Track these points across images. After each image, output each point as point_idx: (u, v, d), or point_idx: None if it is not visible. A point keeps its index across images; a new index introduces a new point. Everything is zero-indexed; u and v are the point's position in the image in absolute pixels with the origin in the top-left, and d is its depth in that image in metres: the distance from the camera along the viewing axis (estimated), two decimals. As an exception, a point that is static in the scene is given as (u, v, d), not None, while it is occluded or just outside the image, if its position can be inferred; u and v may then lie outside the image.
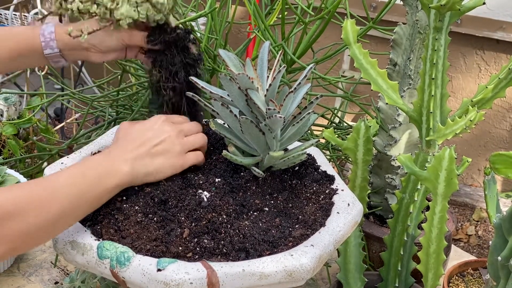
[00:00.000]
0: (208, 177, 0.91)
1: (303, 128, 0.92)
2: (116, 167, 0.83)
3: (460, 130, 1.00)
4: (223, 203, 0.85)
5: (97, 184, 0.81)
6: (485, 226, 2.87)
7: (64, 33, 0.96)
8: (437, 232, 1.03)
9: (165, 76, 0.97)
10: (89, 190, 0.80)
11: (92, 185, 0.81)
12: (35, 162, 1.64)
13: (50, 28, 0.98)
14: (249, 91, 0.84)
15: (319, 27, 1.34)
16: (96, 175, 0.81)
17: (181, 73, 0.97)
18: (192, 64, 0.98)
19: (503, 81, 1.04)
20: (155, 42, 0.97)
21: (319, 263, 0.78)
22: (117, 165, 0.83)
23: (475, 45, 2.96)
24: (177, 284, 0.73)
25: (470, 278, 1.20)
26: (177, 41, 0.97)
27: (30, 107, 1.64)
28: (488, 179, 1.10)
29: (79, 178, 0.81)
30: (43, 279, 1.31)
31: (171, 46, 0.97)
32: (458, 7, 0.95)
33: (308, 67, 0.91)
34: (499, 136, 3.05)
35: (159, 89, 0.99)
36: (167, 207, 0.85)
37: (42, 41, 0.97)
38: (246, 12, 1.35)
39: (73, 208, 0.79)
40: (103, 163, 0.84)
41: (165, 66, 0.97)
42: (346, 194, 0.91)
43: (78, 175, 0.81)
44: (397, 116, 1.25)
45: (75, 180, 0.80)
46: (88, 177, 0.81)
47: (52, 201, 0.76)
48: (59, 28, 0.98)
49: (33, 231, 0.75)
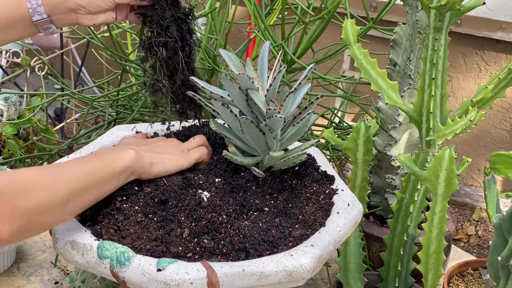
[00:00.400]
0: (208, 177, 0.91)
1: (303, 128, 0.92)
2: (122, 152, 0.86)
3: (460, 130, 1.00)
4: (223, 203, 0.85)
5: (106, 166, 0.83)
6: (485, 226, 2.87)
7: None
8: (437, 232, 1.03)
9: (157, 32, 0.96)
10: (98, 171, 0.82)
11: (101, 167, 0.83)
12: (35, 162, 1.64)
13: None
14: (249, 91, 0.84)
15: (319, 27, 1.34)
16: (104, 160, 0.84)
17: (173, 28, 0.96)
18: (184, 18, 0.96)
19: (503, 81, 1.04)
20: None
21: (319, 263, 0.78)
22: (123, 151, 0.87)
23: (475, 45, 2.96)
24: (177, 284, 0.73)
25: (470, 278, 1.20)
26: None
27: (30, 107, 1.64)
28: (488, 179, 1.10)
29: (88, 161, 0.84)
30: (43, 279, 1.31)
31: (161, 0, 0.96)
32: (458, 7, 0.95)
33: (309, 67, 0.91)
34: (499, 136, 3.05)
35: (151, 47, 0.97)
36: (167, 207, 0.85)
37: (29, 7, 0.95)
38: (246, 12, 1.35)
39: (83, 189, 0.79)
40: (110, 151, 0.88)
41: (155, 21, 0.95)
42: (346, 194, 0.92)
43: (87, 159, 0.86)
44: (397, 116, 1.25)
45: (85, 162, 0.84)
46: (97, 160, 0.84)
47: (62, 180, 0.77)
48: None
49: (45, 207, 0.75)
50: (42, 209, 0.75)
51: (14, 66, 3.24)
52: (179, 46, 0.96)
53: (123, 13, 1.01)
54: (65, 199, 0.77)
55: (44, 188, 0.75)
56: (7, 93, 1.68)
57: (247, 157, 0.93)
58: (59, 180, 0.77)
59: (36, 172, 0.78)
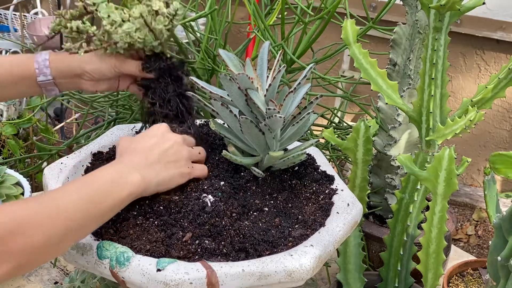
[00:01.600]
0: (212, 180, 0.90)
1: (303, 128, 0.92)
2: (125, 178, 0.80)
3: (459, 130, 1.00)
4: (226, 208, 0.85)
5: (107, 197, 0.77)
6: (485, 226, 2.87)
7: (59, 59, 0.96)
8: (437, 232, 1.03)
9: (159, 104, 0.98)
10: (99, 203, 0.77)
11: (102, 198, 0.77)
12: (34, 162, 1.64)
13: (44, 56, 0.97)
14: (249, 91, 0.84)
15: (319, 27, 1.34)
16: (105, 189, 0.78)
17: (174, 102, 0.97)
18: (185, 95, 0.98)
19: (503, 81, 1.04)
20: (150, 68, 0.97)
21: (318, 263, 0.78)
22: (127, 176, 0.80)
23: (475, 45, 2.96)
24: (176, 284, 0.73)
25: (470, 278, 1.20)
26: (171, 70, 0.98)
27: (30, 107, 1.64)
28: (488, 179, 1.10)
29: (88, 191, 0.77)
30: (43, 279, 1.31)
31: (165, 74, 0.98)
32: (458, 7, 0.95)
33: (308, 67, 0.91)
34: (499, 136, 3.05)
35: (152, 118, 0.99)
36: (170, 212, 0.85)
37: (36, 67, 0.97)
38: (246, 12, 1.35)
39: (80, 224, 0.75)
40: (112, 176, 0.80)
41: (158, 93, 0.98)
42: (346, 194, 0.91)
43: (86, 188, 0.77)
44: (397, 116, 1.25)
45: (83, 192, 0.77)
46: (97, 190, 0.77)
47: (58, 218, 0.73)
48: (54, 56, 0.98)
49: (39, 248, 0.71)
50: (36, 250, 0.71)
51: (14, 66, 3.22)
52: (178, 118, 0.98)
53: (126, 83, 1.02)
54: (61, 238, 0.73)
55: (39, 228, 0.70)
56: (7, 93, 1.68)
57: (246, 157, 0.93)
58: (54, 218, 0.72)
59: (30, 208, 0.72)
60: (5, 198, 1.27)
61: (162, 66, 0.97)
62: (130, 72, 0.98)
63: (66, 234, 0.73)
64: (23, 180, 1.35)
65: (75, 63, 0.97)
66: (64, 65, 0.97)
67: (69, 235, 0.74)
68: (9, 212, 0.71)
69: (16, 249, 0.69)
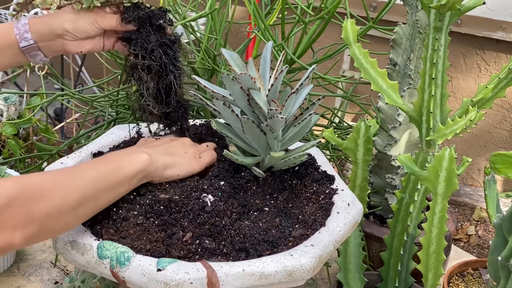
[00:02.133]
0: (211, 179, 0.90)
1: (304, 129, 0.92)
2: (135, 156, 0.85)
3: (460, 130, 1.00)
4: (226, 207, 0.85)
5: (118, 170, 0.82)
6: (485, 226, 2.87)
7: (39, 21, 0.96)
8: (437, 232, 1.03)
9: (141, 55, 0.96)
10: (110, 175, 0.81)
11: (113, 171, 0.82)
12: (35, 162, 1.64)
13: (23, 20, 0.97)
14: (251, 91, 0.84)
15: (319, 27, 1.34)
16: (116, 163, 0.83)
17: (158, 52, 0.96)
18: (169, 44, 0.97)
19: (503, 81, 1.04)
20: (128, 19, 0.96)
21: (319, 263, 0.78)
22: (136, 154, 0.85)
23: (475, 45, 2.96)
24: (177, 284, 0.73)
25: (470, 278, 1.20)
26: (151, 18, 0.96)
27: (30, 107, 1.64)
28: (488, 179, 1.10)
29: (100, 165, 0.83)
30: (43, 279, 1.31)
31: (146, 23, 0.96)
32: (458, 7, 0.95)
33: (311, 68, 0.91)
34: (499, 136, 3.05)
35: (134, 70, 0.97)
36: (170, 211, 0.85)
37: (16, 33, 0.96)
38: (246, 12, 1.35)
39: (95, 194, 0.79)
40: (122, 153, 0.86)
41: (140, 44, 0.96)
42: (346, 194, 0.91)
43: (99, 163, 0.84)
44: (397, 116, 1.25)
45: (96, 166, 0.82)
46: (109, 164, 0.83)
47: (74, 185, 0.77)
48: (33, 20, 0.97)
49: (62, 211, 0.75)
50: (56, 214, 0.74)
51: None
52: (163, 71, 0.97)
53: (111, 41, 1.01)
54: (77, 203, 0.77)
55: (57, 193, 0.75)
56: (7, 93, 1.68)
57: (247, 157, 0.93)
58: (71, 185, 0.77)
59: (48, 177, 0.78)
60: (5, 198, 1.27)
61: (141, 15, 0.96)
62: (110, 26, 0.98)
63: (82, 202, 0.77)
64: (23, 180, 1.35)
65: (55, 23, 0.96)
66: (45, 27, 0.96)
67: (85, 203, 0.78)
68: (30, 180, 0.75)
69: (37, 214, 0.72)
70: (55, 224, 0.75)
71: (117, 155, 0.87)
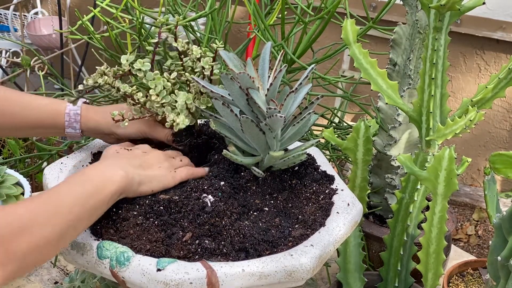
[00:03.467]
0: (211, 180, 0.90)
1: (303, 128, 0.92)
2: (111, 174, 0.82)
3: (459, 130, 1.00)
4: (226, 207, 0.85)
5: (97, 192, 0.79)
6: (485, 226, 2.87)
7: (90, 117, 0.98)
8: (437, 232, 1.03)
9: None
10: (89, 198, 0.78)
11: (92, 193, 0.79)
12: (35, 162, 1.64)
13: (76, 110, 0.98)
14: (250, 91, 0.84)
15: (319, 27, 1.34)
16: (94, 184, 0.80)
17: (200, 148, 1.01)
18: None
19: (503, 81, 1.04)
20: (180, 144, 0.99)
21: (319, 263, 0.78)
22: (112, 172, 0.83)
23: (475, 45, 2.96)
24: (176, 284, 0.73)
25: (470, 278, 1.20)
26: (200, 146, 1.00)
27: (30, 107, 1.63)
28: (488, 179, 1.10)
29: (79, 186, 0.79)
30: (43, 279, 1.31)
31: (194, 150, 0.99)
32: (458, 7, 0.95)
33: (310, 67, 0.91)
34: (499, 136, 3.05)
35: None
36: (170, 212, 0.85)
37: (66, 120, 0.97)
38: (246, 12, 1.35)
39: (77, 218, 0.77)
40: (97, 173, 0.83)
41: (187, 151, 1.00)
42: (346, 194, 0.91)
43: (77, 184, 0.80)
44: (397, 116, 1.25)
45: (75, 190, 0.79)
46: (87, 185, 0.80)
47: (56, 214, 0.74)
48: (85, 111, 0.98)
49: (42, 246, 0.72)
50: (36, 250, 0.72)
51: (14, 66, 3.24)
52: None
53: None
54: (59, 236, 0.74)
55: (39, 228, 0.72)
56: (7, 93, 1.68)
57: (247, 156, 0.92)
58: (52, 217, 0.74)
59: (28, 209, 0.73)
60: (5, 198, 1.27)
61: (192, 144, 0.99)
62: (158, 139, 0.99)
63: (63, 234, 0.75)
64: (23, 180, 1.35)
65: (104, 122, 0.98)
66: (93, 123, 0.99)
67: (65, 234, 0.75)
68: (11, 214, 0.71)
69: (20, 250, 0.69)
70: (35, 259, 0.73)
71: (94, 172, 0.83)
